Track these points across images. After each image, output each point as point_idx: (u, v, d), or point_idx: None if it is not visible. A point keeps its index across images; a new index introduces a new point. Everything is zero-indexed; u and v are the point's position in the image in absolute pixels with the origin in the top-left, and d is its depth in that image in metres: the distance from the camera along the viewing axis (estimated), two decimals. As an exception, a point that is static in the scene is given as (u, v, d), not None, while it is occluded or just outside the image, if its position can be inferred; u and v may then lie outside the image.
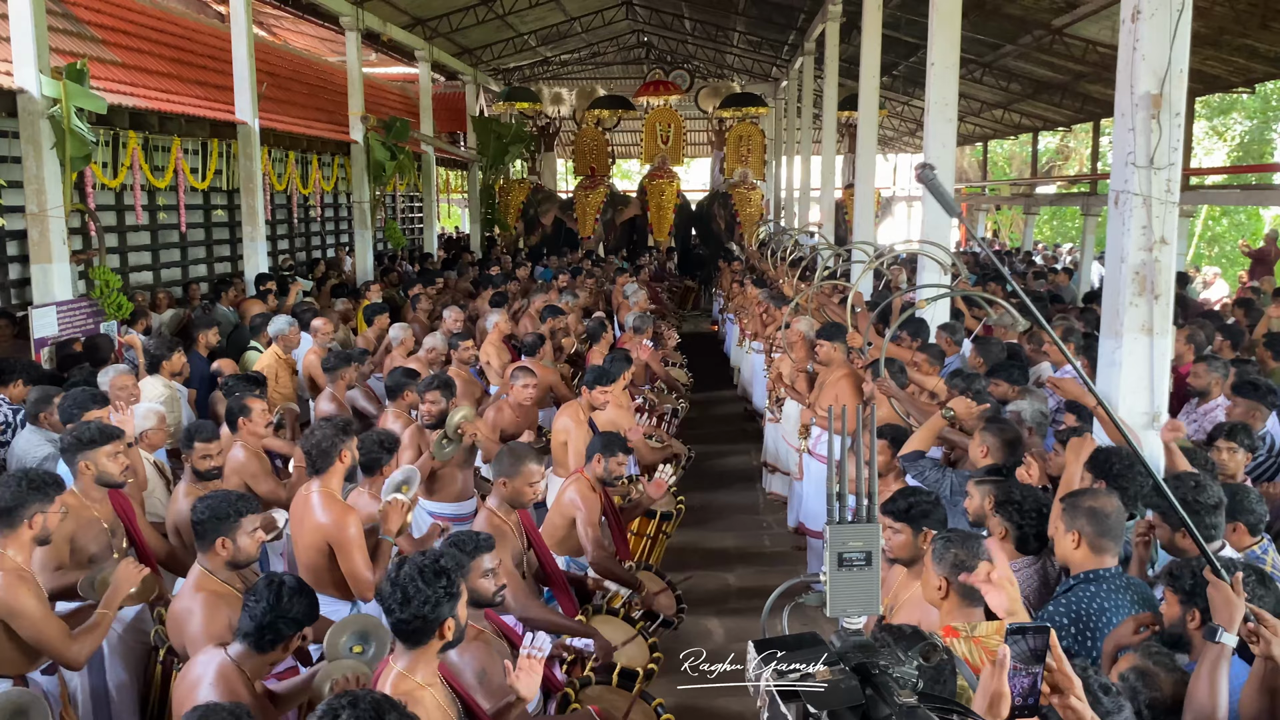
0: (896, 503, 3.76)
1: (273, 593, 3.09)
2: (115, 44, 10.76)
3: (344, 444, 4.52)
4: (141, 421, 5.44)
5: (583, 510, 4.96)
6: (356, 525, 4.34)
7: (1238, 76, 14.69)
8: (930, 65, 7.84)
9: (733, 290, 14.39)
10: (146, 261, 11.94)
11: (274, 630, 3.07)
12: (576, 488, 5.07)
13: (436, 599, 2.81)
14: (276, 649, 3.12)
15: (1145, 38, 4.13)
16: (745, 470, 10.03)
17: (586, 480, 5.10)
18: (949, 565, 3.09)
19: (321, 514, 4.34)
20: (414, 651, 2.88)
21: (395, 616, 2.83)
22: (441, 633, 2.86)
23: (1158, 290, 4.29)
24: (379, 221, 16.02)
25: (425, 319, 10.28)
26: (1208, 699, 2.65)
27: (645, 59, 26.73)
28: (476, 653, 3.40)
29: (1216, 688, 2.66)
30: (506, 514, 4.49)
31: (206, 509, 3.66)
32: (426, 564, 2.87)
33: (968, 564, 3.01)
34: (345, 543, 4.28)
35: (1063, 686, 2.17)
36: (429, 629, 2.84)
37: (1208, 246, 28.48)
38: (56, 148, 7.81)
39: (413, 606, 2.80)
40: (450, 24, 18.31)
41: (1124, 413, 4.40)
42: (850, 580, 1.59)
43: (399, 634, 2.89)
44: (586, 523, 4.93)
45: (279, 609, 3.07)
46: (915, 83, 21.58)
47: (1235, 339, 7.57)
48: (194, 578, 3.68)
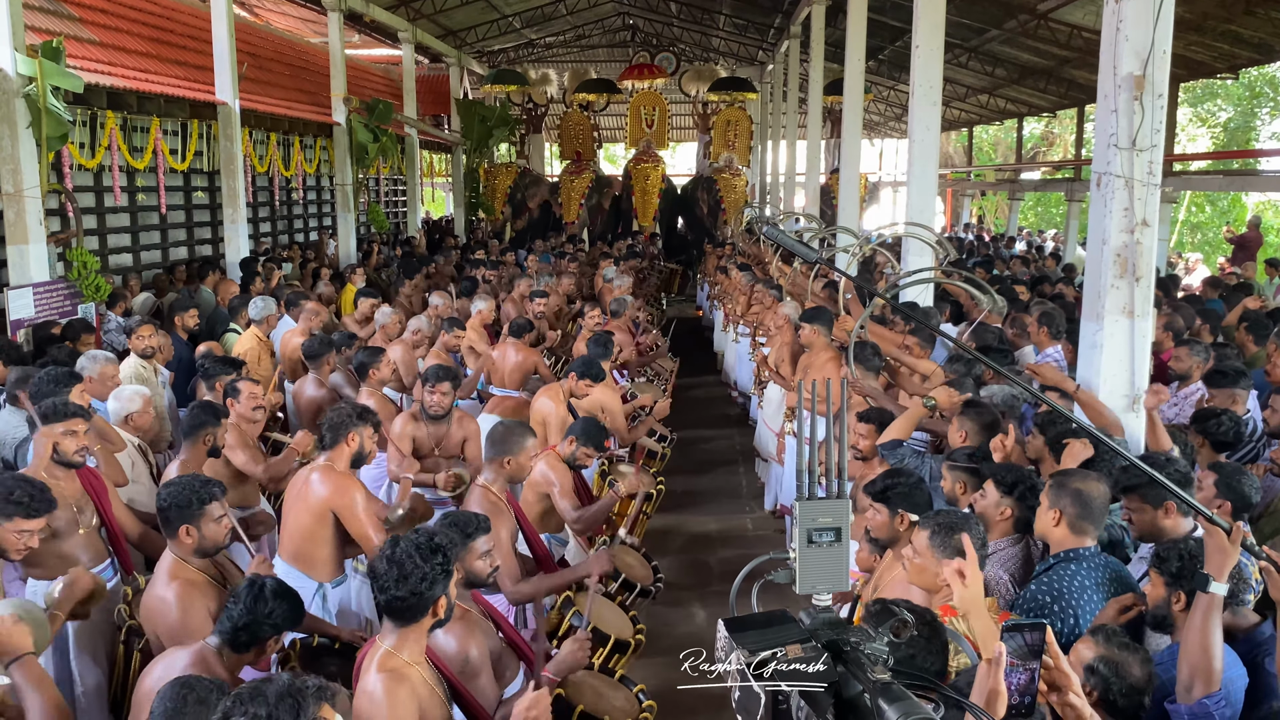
0: (876, 483, 3.77)
1: (252, 596, 3.07)
2: (93, 22, 10.62)
3: (356, 428, 4.52)
4: (127, 404, 5.39)
5: (556, 482, 4.98)
6: (361, 490, 4.39)
7: (1221, 62, 14.74)
8: (915, 49, 7.82)
9: (718, 276, 14.37)
10: (126, 243, 11.81)
11: (250, 632, 3.06)
12: (546, 462, 5.09)
13: (433, 576, 2.80)
14: (251, 651, 3.10)
15: (1128, 18, 4.12)
16: (728, 454, 10.03)
17: (555, 454, 5.12)
18: (954, 550, 3.07)
19: (322, 486, 4.36)
20: (403, 630, 2.86)
21: (390, 594, 2.80)
22: (435, 610, 2.85)
23: (1139, 272, 4.29)
24: (362, 204, 15.91)
25: (408, 303, 10.22)
26: (1200, 651, 2.64)
27: (631, 42, 26.61)
28: (460, 633, 3.38)
29: (1209, 638, 2.65)
30: (500, 491, 4.51)
31: (169, 496, 3.60)
32: (422, 541, 2.85)
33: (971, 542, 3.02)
34: (349, 506, 4.31)
35: (1060, 684, 2.16)
36: (423, 606, 2.82)
37: (1191, 233, 28.62)
38: (32, 127, 7.70)
39: (410, 583, 2.78)
40: (434, 5, 18.17)
41: (1104, 395, 4.41)
42: (819, 557, 1.57)
43: (391, 612, 2.86)
44: (562, 493, 4.95)
45: (256, 611, 3.05)
46: (901, 67, 21.55)
47: (1214, 323, 7.60)
48: (167, 565, 3.63)
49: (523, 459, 4.53)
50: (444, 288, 10.48)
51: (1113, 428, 4.33)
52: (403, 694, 2.74)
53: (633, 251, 16.54)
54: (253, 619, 3.05)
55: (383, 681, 2.75)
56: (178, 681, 2.58)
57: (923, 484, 3.80)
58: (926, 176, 8.00)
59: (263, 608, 3.06)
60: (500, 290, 11.38)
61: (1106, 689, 2.66)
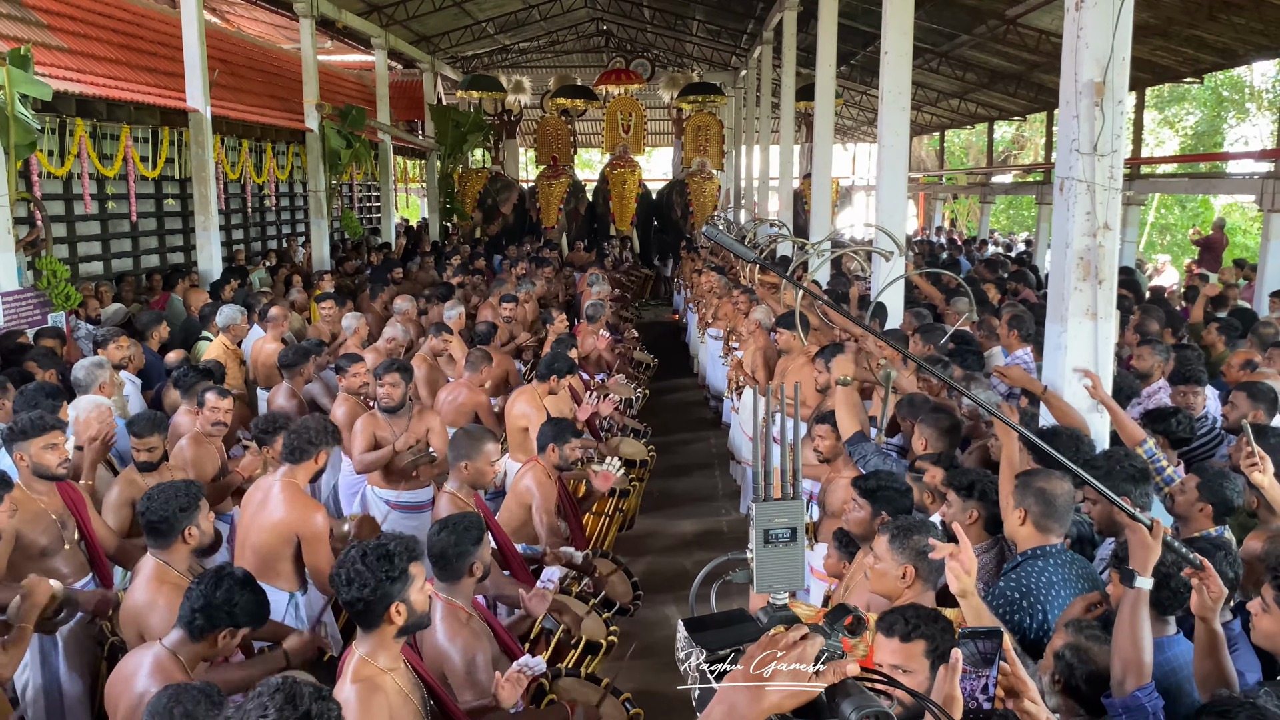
0: (867, 480, 3.84)
1: (211, 581, 3.09)
2: (61, 29, 10.53)
3: (326, 447, 4.55)
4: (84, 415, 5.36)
5: (538, 497, 4.99)
6: (324, 518, 4.39)
7: (1186, 67, 14.93)
8: (884, 54, 7.90)
9: (693, 280, 14.42)
10: (97, 251, 11.72)
11: (206, 616, 3.06)
12: (533, 474, 5.09)
13: (377, 582, 2.82)
14: (205, 640, 3.10)
15: (1088, 25, 4.19)
16: (704, 457, 10.08)
17: (542, 467, 5.12)
18: (913, 552, 3.12)
19: (286, 508, 4.35)
20: (371, 635, 2.89)
21: (343, 596, 2.86)
22: (389, 616, 2.86)
23: (1101, 275, 4.36)
24: (335, 211, 15.85)
25: (381, 309, 10.19)
26: (1130, 644, 2.70)
27: (604, 47, 26.66)
28: (468, 639, 3.42)
29: (1138, 632, 2.71)
30: (467, 496, 4.53)
31: (164, 505, 3.64)
32: (370, 548, 2.88)
33: (928, 547, 3.05)
34: (314, 536, 4.32)
35: (1018, 689, 2.21)
36: (373, 611, 2.84)
37: (1159, 235, 28.96)
38: (0, 135, 7.64)
39: (353, 589, 2.82)
40: (407, 11, 18.14)
41: (1069, 396, 4.48)
42: (776, 557, 1.61)
43: (353, 615, 2.91)
44: (541, 509, 4.96)
45: (212, 597, 3.07)
46: (873, 72, 21.64)
47: (1175, 325, 7.72)
48: (149, 570, 3.64)
49: (481, 463, 4.55)
50: (418, 294, 10.47)
51: (1079, 428, 4.40)
52: (375, 703, 2.77)
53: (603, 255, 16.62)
54: (208, 603, 3.06)
55: (356, 691, 2.78)
56: (165, 693, 2.59)
57: (910, 494, 3.86)
58: (896, 181, 8.08)
59: (224, 593, 3.08)
60: (473, 296, 11.38)
61: (1070, 674, 2.75)
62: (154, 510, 3.65)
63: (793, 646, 1.37)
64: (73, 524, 4.37)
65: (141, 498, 3.80)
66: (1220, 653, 2.82)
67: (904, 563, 3.13)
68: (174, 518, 3.63)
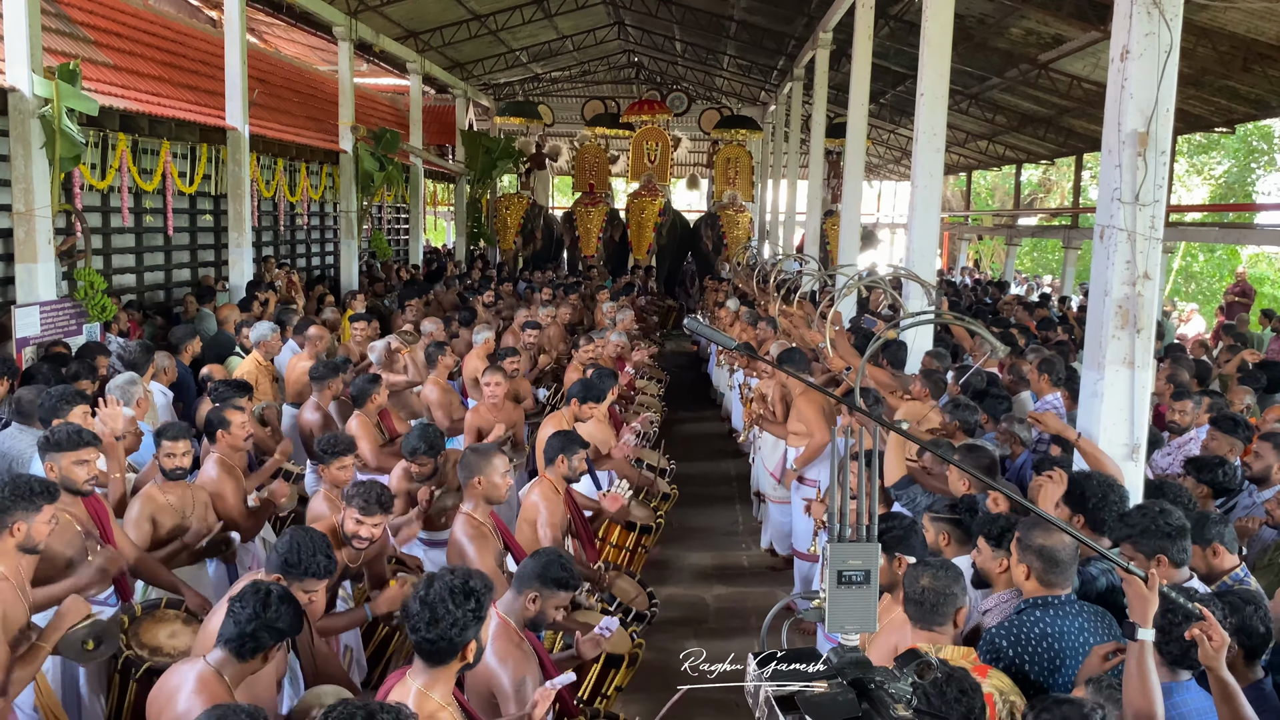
0: None
1: (259, 601, 3.07)
2: (107, 46, 10.74)
3: None
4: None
5: (544, 511, 5.00)
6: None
7: (1218, 116, 14.96)
8: (920, 95, 7.94)
9: (716, 311, 14.45)
10: (130, 264, 11.87)
11: (255, 639, 3.05)
12: (540, 490, 5.11)
13: (465, 621, 2.80)
14: (256, 658, 3.09)
15: (1134, 77, 4.22)
16: (725, 490, 10.05)
17: (549, 482, 5.14)
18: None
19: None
20: (434, 670, 2.87)
21: (421, 635, 2.81)
22: (464, 655, 2.86)
23: (1140, 324, 4.36)
24: (365, 232, 16.00)
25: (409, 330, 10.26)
26: (1140, 697, 2.70)
27: (635, 79, 26.90)
28: (519, 661, 3.42)
29: (1147, 684, 2.71)
30: (484, 516, 4.54)
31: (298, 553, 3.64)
32: (456, 584, 2.84)
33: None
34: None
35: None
36: (453, 650, 2.83)
37: (1185, 282, 28.85)
38: (46, 148, 7.79)
39: (439, 628, 2.79)
40: (443, 37, 18.38)
41: (1104, 444, 4.46)
42: (849, 597, 1.62)
43: (422, 652, 2.87)
44: (547, 523, 4.97)
45: (264, 615, 3.05)
46: (901, 111, 21.81)
47: (1203, 375, 7.68)
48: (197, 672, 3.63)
49: (493, 477, 4.53)
50: (444, 316, 10.52)
51: (1113, 475, 4.38)
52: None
53: (630, 286, 16.65)
54: (260, 624, 3.03)
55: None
56: (212, 713, 2.58)
57: (916, 526, 3.85)
58: (929, 222, 8.09)
59: (271, 612, 3.06)
60: (498, 320, 11.42)
61: None
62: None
63: None
64: (97, 536, 4.41)
65: None
66: (1235, 701, 2.80)
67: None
68: None
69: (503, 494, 4.59)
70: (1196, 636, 2.78)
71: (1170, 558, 3.46)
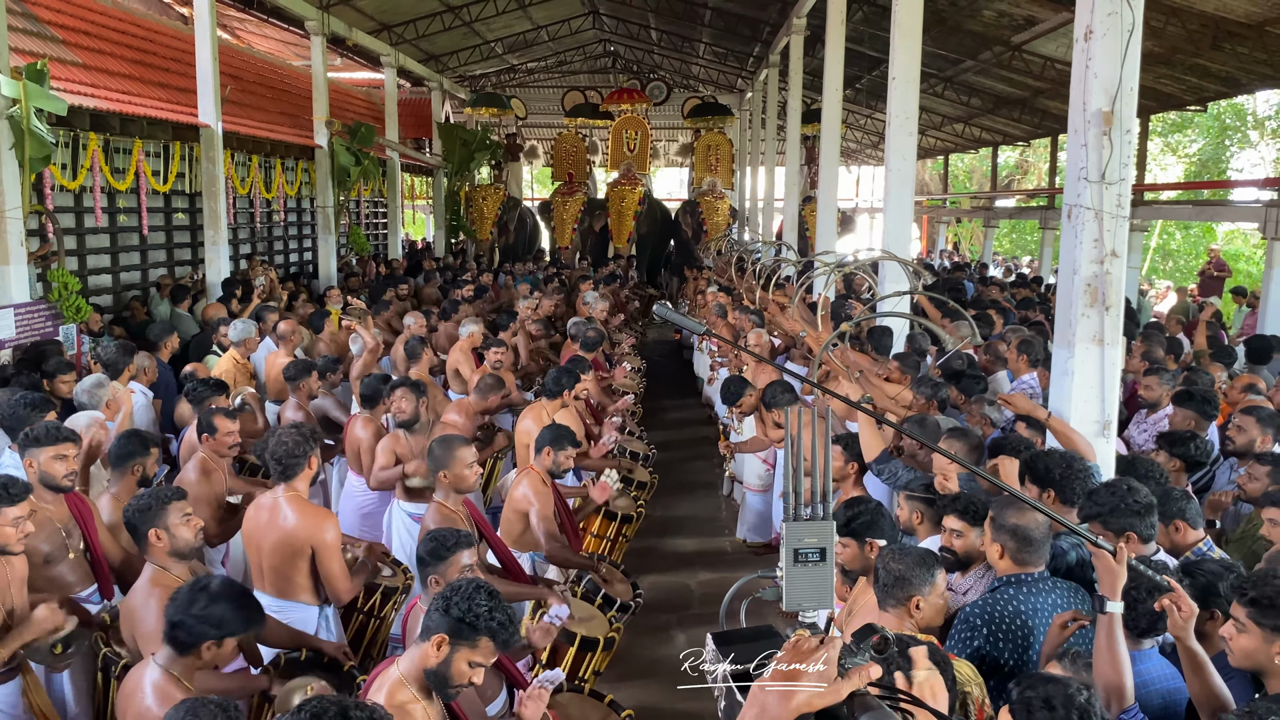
0: (837, 517, 3.80)
1: (186, 596, 3.07)
2: (76, 45, 10.64)
3: (311, 451, 4.50)
4: (84, 432, 5.37)
5: (535, 504, 5.02)
6: (335, 529, 4.33)
7: (1190, 95, 15.04)
8: (892, 79, 7.97)
9: (696, 299, 14.48)
10: (105, 264, 11.80)
11: (186, 630, 3.04)
12: (528, 482, 5.12)
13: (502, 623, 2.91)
14: (192, 653, 3.08)
15: (1097, 56, 4.26)
16: (707, 477, 10.09)
17: (537, 474, 5.15)
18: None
19: (297, 518, 4.27)
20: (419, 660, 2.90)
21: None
22: None
23: (1109, 302, 4.41)
24: (343, 227, 15.93)
25: (387, 327, 10.24)
26: (1110, 669, 2.76)
27: (611, 68, 26.84)
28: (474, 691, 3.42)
29: (1116, 655, 2.76)
30: (455, 505, 4.55)
31: (131, 508, 3.73)
32: (482, 585, 2.95)
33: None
34: (326, 546, 4.26)
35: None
36: None
37: (1162, 260, 29.06)
38: (15, 148, 7.73)
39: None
40: (417, 30, 18.29)
41: (1075, 421, 4.52)
42: (806, 575, 1.64)
43: None
44: (540, 516, 4.98)
45: (187, 612, 3.04)
46: (878, 96, 21.84)
47: (1176, 351, 7.75)
48: (148, 574, 3.68)
49: (458, 469, 4.53)
50: (424, 309, 10.50)
51: (1085, 453, 4.43)
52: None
53: (613, 276, 16.64)
54: (184, 617, 3.04)
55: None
56: (182, 708, 2.61)
57: (882, 508, 3.88)
58: (903, 204, 8.14)
59: (198, 606, 3.05)
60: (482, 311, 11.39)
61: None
62: (127, 514, 3.76)
63: (816, 649, 1.42)
64: (78, 534, 4.38)
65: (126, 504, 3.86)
66: (1205, 671, 2.86)
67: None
68: (134, 518, 3.69)
69: (471, 484, 4.59)
70: (1166, 607, 2.83)
71: (1139, 534, 3.51)
